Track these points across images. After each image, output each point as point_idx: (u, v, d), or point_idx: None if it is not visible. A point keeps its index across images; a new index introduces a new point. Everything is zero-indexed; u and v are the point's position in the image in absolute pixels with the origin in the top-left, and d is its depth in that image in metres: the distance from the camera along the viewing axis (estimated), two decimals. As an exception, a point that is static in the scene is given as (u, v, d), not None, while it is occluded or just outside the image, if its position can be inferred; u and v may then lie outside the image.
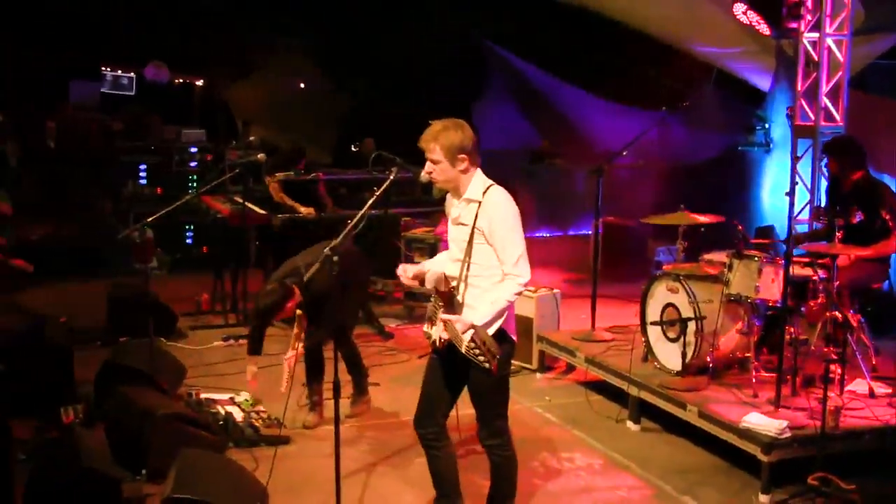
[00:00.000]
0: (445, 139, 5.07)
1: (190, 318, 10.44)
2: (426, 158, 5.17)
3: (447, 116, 5.24)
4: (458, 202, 5.26)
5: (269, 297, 7.05)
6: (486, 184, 5.19)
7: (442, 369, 5.40)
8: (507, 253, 5.12)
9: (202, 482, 5.34)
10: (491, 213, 5.10)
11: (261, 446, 6.91)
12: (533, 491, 6.31)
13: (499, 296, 5.11)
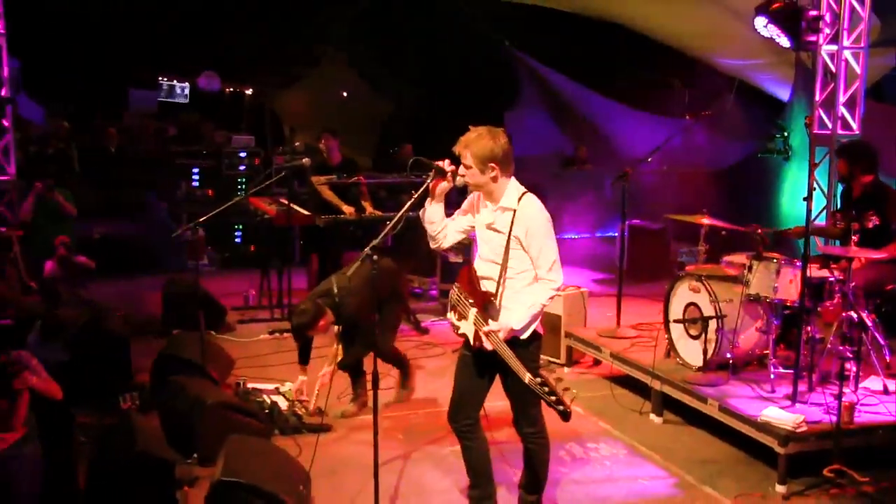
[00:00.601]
0: (477, 147, 5.04)
1: (238, 313, 10.49)
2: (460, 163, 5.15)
3: (481, 123, 5.22)
4: (492, 208, 5.22)
5: (302, 317, 7.10)
6: (519, 191, 5.17)
7: (474, 365, 5.37)
8: (542, 259, 5.12)
9: (249, 467, 5.36)
10: (528, 223, 5.09)
11: (304, 433, 6.92)
12: (560, 478, 6.29)
13: (535, 300, 5.11)
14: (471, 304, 5.24)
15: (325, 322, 7.09)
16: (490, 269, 5.23)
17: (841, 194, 8.40)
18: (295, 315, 7.28)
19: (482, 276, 5.26)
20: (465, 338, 5.36)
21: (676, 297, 7.53)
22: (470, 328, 5.23)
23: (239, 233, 13.91)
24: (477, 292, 5.22)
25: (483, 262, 5.31)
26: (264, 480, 5.22)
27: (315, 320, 7.05)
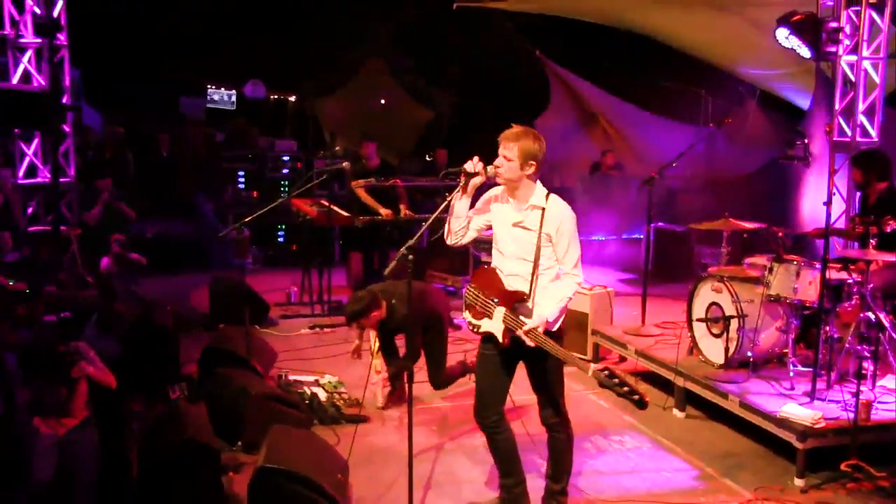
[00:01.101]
0: (525, 143, 5.07)
1: (281, 308, 10.53)
2: (498, 154, 5.12)
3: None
4: (519, 206, 5.20)
5: (358, 304, 7.14)
6: (545, 191, 5.18)
7: (496, 362, 5.36)
8: (569, 256, 5.13)
9: (291, 455, 5.38)
10: (557, 221, 5.10)
11: (342, 424, 6.96)
12: (586, 469, 6.28)
13: (563, 294, 5.12)
14: (496, 304, 5.21)
15: (378, 314, 7.12)
16: (518, 266, 5.21)
17: (858, 200, 8.34)
18: (351, 301, 7.33)
19: (509, 274, 5.24)
20: (483, 336, 5.35)
21: (699, 297, 7.49)
22: (497, 326, 5.19)
23: (282, 233, 13.98)
24: (504, 291, 5.20)
25: (508, 259, 5.26)
26: (304, 468, 5.24)
27: (369, 309, 7.09)
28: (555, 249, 5.15)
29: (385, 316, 7.17)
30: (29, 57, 11.19)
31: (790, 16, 8.85)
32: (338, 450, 6.09)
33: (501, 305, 5.19)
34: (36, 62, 11.25)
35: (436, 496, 5.88)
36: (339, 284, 10.91)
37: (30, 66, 11.19)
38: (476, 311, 5.36)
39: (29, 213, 11.45)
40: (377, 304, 7.11)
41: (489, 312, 5.25)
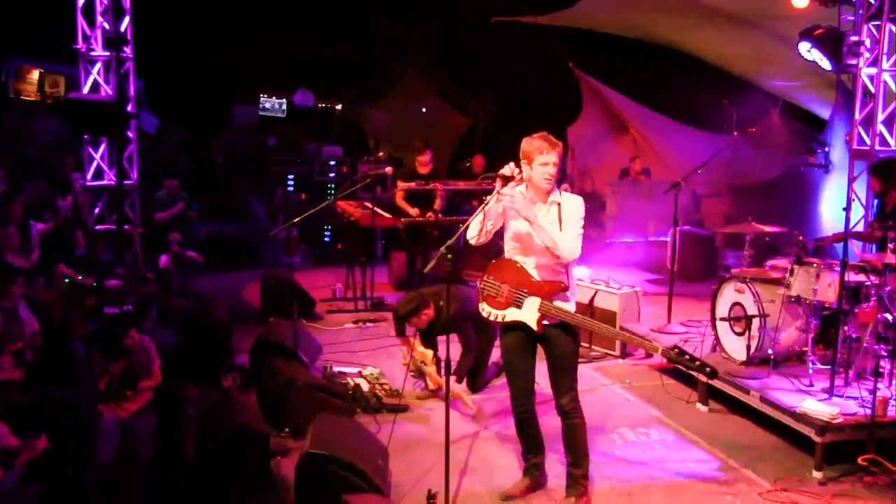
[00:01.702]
0: (561, 150, 5.27)
1: (326, 304, 10.55)
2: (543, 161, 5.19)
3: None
4: (544, 206, 5.28)
5: (410, 304, 7.27)
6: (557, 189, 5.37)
7: (524, 352, 5.44)
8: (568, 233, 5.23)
9: (335, 441, 5.40)
10: (569, 207, 5.27)
11: (383, 412, 6.97)
12: (613, 459, 6.26)
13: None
14: (525, 294, 5.26)
15: (428, 314, 7.20)
16: (547, 258, 5.26)
17: (876, 207, 8.24)
18: (403, 303, 7.44)
19: (538, 266, 5.29)
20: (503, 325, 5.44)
21: (723, 297, 7.44)
22: (530, 315, 5.25)
23: (328, 233, 14.02)
24: (535, 283, 5.26)
25: (538, 254, 5.29)
26: (347, 453, 5.25)
27: (419, 309, 7.23)
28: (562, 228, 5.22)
29: (434, 316, 7.23)
30: (98, 69, 11.35)
31: (812, 30, 8.77)
32: (378, 437, 6.11)
33: (534, 296, 5.23)
34: (104, 73, 11.40)
35: (470, 481, 5.88)
36: (381, 282, 10.94)
37: (98, 78, 11.35)
38: (497, 302, 5.39)
39: (96, 213, 11.60)
40: (426, 304, 7.23)
41: (518, 303, 5.27)
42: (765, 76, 11.95)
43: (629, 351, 8.75)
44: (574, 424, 5.42)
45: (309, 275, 11.74)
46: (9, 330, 7.22)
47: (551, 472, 5.79)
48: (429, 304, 7.25)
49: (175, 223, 11.89)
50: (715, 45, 11.30)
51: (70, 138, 13.78)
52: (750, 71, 11.89)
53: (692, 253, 11.46)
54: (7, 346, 7.06)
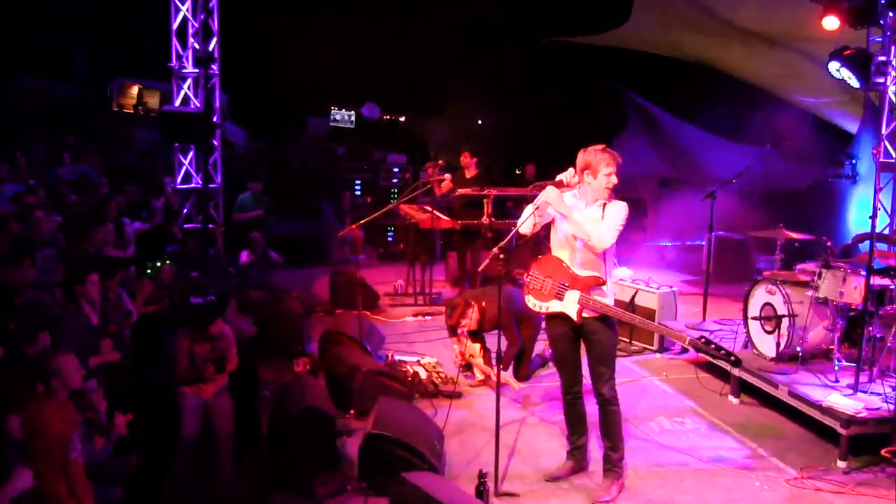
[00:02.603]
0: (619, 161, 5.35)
1: (389, 298, 10.59)
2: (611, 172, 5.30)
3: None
4: (592, 206, 5.32)
5: (454, 313, 7.37)
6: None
7: (569, 341, 5.45)
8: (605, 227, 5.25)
9: (395, 423, 5.43)
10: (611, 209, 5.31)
11: (439, 398, 6.98)
12: (650, 446, 6.21)
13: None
14: (567, 287, 5.27)
15: (475, 315, 7.23)
16: (588, 255, 5.28)
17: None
18: (449, 311, 7.50)
19: (583, 262, 5.30)
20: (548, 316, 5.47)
21: (754, 297, 7.33)
22: (571, 307, 5.28)
23: (391, 233, 14.06)
24: (575, 276, 5.29)
25: (580, 250, 5.31)
26: (406, 435, 5.28)
27: (464, 314, 7.29)
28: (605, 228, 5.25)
29: (481, 316, 7.24)
30: (188, 84, 11.53)
31: (842, 50, 8.58)
32: (435, 420, 6.14)
33: (574, 289, 5.25)
34: (194, 88, 11.58)
35: (517, 463, 5.87)
36: (439, 279, 10.96)
37: (189, 92, 11.53)
38: (542, 294, 5.43)
39: (184, 213, 11.77)
40: (469, 307, 7.26)
41: (560, 295, 5.27)
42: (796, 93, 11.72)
43: (667, 346, 8.65)
44: (611, 411, 5.41)
45: (373, 271, 11.79)
46: (108, 316, 7.36)
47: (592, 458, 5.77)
48: (472, 307, 7.27)
49: (255, 224, 12.01)
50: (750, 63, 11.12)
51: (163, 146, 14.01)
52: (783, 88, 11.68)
53: (726, 256, 11.29)
54: (108, 330, 7.20)
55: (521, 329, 7.29)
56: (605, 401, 5.39)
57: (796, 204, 10.97)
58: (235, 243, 11.93)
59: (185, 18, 11.50)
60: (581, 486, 5.59)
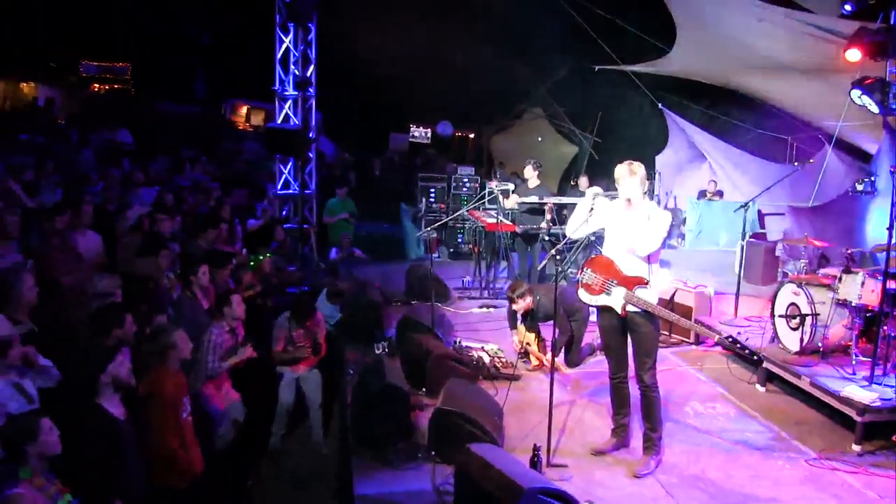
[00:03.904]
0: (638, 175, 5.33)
1: (458, 291, 10.59)
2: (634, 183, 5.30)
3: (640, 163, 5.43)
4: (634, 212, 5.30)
5: (515, 291, 7.35)
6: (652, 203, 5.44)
7: (616, 331, 5.46)
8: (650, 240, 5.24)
9: (461, 400, 5.46)
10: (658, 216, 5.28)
11: (499, 380, 6.95)
12: (684, 428, 6.13)
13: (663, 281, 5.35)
14: (614, 284, 5.29)
15: (528, 304, 7.24)
16: (632, 257, 5.29)
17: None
18: (511, 288, 7.51)
19: (625, 263, 5.31)
20: (599, 309, 5.48)
21: (781, 297, 7.18)
22: (617, 301, 5.31)
23: (461, 235, 14.09)
24: (621, 275, 5.30)
25: (622, 252, 5.33)
26: (471, 411, 5.31)
27: (522, 297, 7.27)
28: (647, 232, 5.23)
29: (533, 306, 7.24)
30: (289, 105, 11.76)
31: (863, 80, 8.36)
32: (496, 399, 6.15)
33: (621, 286, 5.26)
34: (293, 108, 11.80)
35: (567, 438, 5.86)
36: (502, 276, 10.94)
37: (289, 111, 11.77)
38: (593, 289, 5.45)
39: (283, 215, 12.01)
40: (528, 295, 7.22)
41: (608, 291, 5.32)
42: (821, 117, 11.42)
43: (702, 339, 8.52)
44: (652, 397, 5.40)
45: (445, 268, 11.83)
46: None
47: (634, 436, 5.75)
48: (531, 295, 7.27)
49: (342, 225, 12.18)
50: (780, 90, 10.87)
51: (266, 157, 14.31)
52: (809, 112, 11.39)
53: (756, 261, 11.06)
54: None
55: (571, 321, 7.28)
56: (646, 387, 5.38)
57: (820, 215, 10.69)
58: (326, 241, 12.14)
59: (288, 49, 11.74)
60: (622, 459, 5.57)
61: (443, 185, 14.72)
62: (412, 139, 20.82)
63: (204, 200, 10.80)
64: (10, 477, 3.68)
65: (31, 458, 3.75)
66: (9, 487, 3.64)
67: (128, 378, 4.62)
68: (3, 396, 4.39)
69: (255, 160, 16.46)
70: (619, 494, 5.10)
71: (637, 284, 5.25)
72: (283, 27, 11.68)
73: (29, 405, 4.53)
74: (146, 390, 4.96)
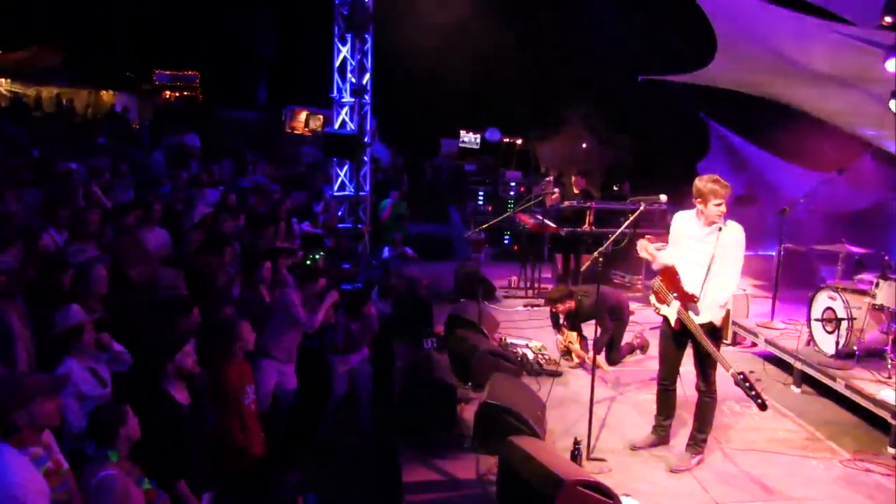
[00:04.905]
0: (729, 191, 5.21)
1: (503, 290, 10.59)
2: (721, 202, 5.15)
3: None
4: (707, 228, 5.15)
5: (556, 294, 7.37)
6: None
7: (673, 339, 5.35)
8: (731, 267, 5.14)
9: (505, 395, 5.47)
10: (728, 238, 5.14)
11: (543, 376, 6.97)
12: (721, 426, 6.03)
13: (721, 299, 5.13)
14: (674, 297, 5.20)
15: (569, 305, 7.23)
16: (696, 271, 5.17)
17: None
18: (552, 291, 7.57)
19: (686, 276, 5.21)
20: (665, 317, 5.35)
21: (818, 302, 7.03)
22: (672, 313, 5.22)
23: (507, 237, 14.07)
24: (681, 290, 5.19)
25: (688, 265, 5.23)
26: (515, 405, 5.31)
27: (562, 300, 7.28)
28: (724, 261, 5.07)
29: (575, 308, 7.21)
30: (346, 111, 11.88)
31: (900, 90, 8.13)
32: (539, 394, 6.14)
33: (678, 300, 5.18)
34: (350, 114, 11.91)
35: (607, 433, 5.84)
36: (546, 277, 10.91)
37: (346, 117, 11.88)
38: (659, 298, 5.40)
39: (339, 215, 12.14)
40: (569, 297, 7.21)
41: (668, 301, 5.24)
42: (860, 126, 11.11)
43: (738, 340, 8.39)
44: (707, 401, 5.34)
45: (491, 268, 11.80)
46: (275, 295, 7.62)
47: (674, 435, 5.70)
48: (571, 298, 7.24)
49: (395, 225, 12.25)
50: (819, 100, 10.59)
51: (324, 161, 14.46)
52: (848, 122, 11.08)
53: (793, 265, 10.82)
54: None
55: (612, 321, 7.23)
56: (702, 391, 5.33)
57: (857, 222, 10.43)
58: (379, 241, 12.22)
59: (345, 58, 11.86)
60: (661, 455, 5.53)
61: (491, 189, 14.73)
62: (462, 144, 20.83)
63: (264, 201, 10.96)
64: (102, 460, 3.77)
65: (121, 442, 3.84)
66: (103, 469, 3.72)
67: (192, 367, 4.71)
68: (78, 379, 4.53)
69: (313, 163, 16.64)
70: (655, 488, 5.07)
71: (690, 301, 5.15)
72: (342, 38, 11.80)
73: (102, 388, 4.67)
74: (211, 379, 5.07)
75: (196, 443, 4.65)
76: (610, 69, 15.93)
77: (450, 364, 6.76)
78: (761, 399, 4.61)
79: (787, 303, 8.90)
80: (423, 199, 16.08)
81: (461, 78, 17.16)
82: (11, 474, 3.28)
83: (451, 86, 17.50)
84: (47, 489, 3.42)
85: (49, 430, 3.68)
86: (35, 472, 3.41)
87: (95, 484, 3.66)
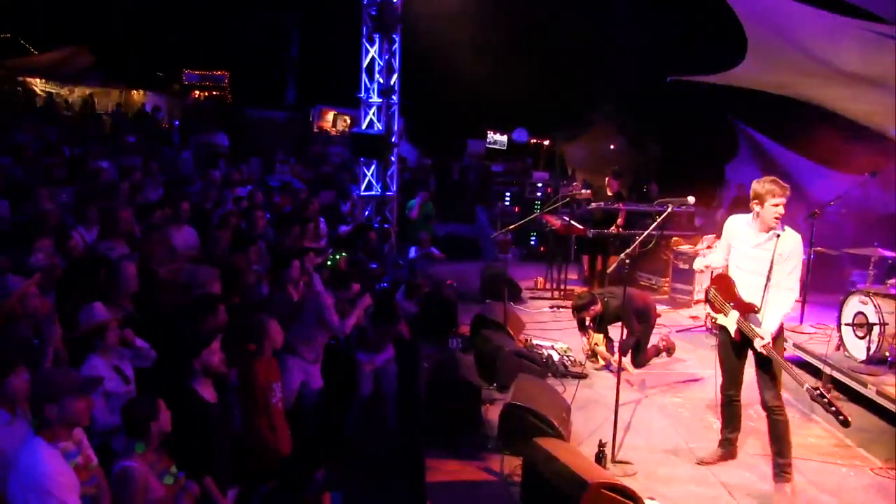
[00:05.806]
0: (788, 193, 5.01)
1: (530, 291, 10.57)
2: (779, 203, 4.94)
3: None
4: (765, 234, 4.95)
5: (582, 301, 7.33)
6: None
7: (733, 348, 5.19)
8: (791, 275, 4.92)
9: (530, 396, 5.46)
10: (788, 246, 4.92)
11: (568, 378, 6.95)
12: (750, 429, 5.95)
13: (784, 309, 4.94)
14: (731, 307, 5.06)
15: (596, 309, 7.19)
16: (753, 279, 4.99)
17: None
18: (577, 298, 7.49)
19: (743, 285, 5.05)
20: (723, 327, 5.21)
21: (848, 306, 6.92)
22: (731, 323, 5.07)
23: (534, 238, 14.03)
24: (739, 300, 5.03)
25: (745, 273, 5.07)
26: (540, 406, 5.30)
27: (588, 305, 7.23)
28: (782, 268, 4.88)
29: (602, 310, 7.18)
30: (373, 111, 11.92)
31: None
32: (564, 396, 6.12)
33: (735, 310, 5.03)
34: (377, 114, 11.96)
35: (631, 437, 5.80)
36: (572, 278, 10.87)
37: (373, 117, 11.92)
38: (714, 307, 5.27)
39: (366, 215, 12.18)
40: (595, 301, 7.21)
41: (725, 311, 5.12)
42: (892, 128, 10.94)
43: (767, 344, 8.29)
44: (776, 420, 4.98)
45: (517, 269, 11.78)
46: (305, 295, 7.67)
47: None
48: (597, 302, 7.20)
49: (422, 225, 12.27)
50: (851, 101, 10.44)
51: (351, 160, 14.53)
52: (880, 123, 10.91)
53: (824, 269, 10.67)
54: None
55: (639, 323, 7.19)
56: (768, 409, 4.99)
57: (890, 226, 10.26)
58: (406, 240, 12.26)
59: (373, 59, 11.90)
60: (686, 458, 5.48)
61: (518, 190, 14.70)
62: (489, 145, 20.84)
63: (292, 200, 11.04)
64: (128, 452, 3.85)
65: (154, 435, 3.91)
66: (125, 460, 3.80)
67: (219, 365, 4.75)
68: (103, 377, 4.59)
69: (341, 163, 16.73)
70: (681, 492, 5.03)
71: (750, 311, 4.97)
72: (370, 38, 11.85)
73: (126, 385, 4.73)
74: (239, 376, 5.12)
75: (223, 439, 4.70)
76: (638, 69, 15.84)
77: (475, 364, 6.76)
78: (843, 416, 4.37)
79: (817, 307, 8.79)
80: (449, 199, 16.09)
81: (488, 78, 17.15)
82: (43, 465, 3.40)
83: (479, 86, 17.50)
84: (77, 482, 3.51)
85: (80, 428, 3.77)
86: (65, 466, 3.51)
87: (115, 474, 3.76)
